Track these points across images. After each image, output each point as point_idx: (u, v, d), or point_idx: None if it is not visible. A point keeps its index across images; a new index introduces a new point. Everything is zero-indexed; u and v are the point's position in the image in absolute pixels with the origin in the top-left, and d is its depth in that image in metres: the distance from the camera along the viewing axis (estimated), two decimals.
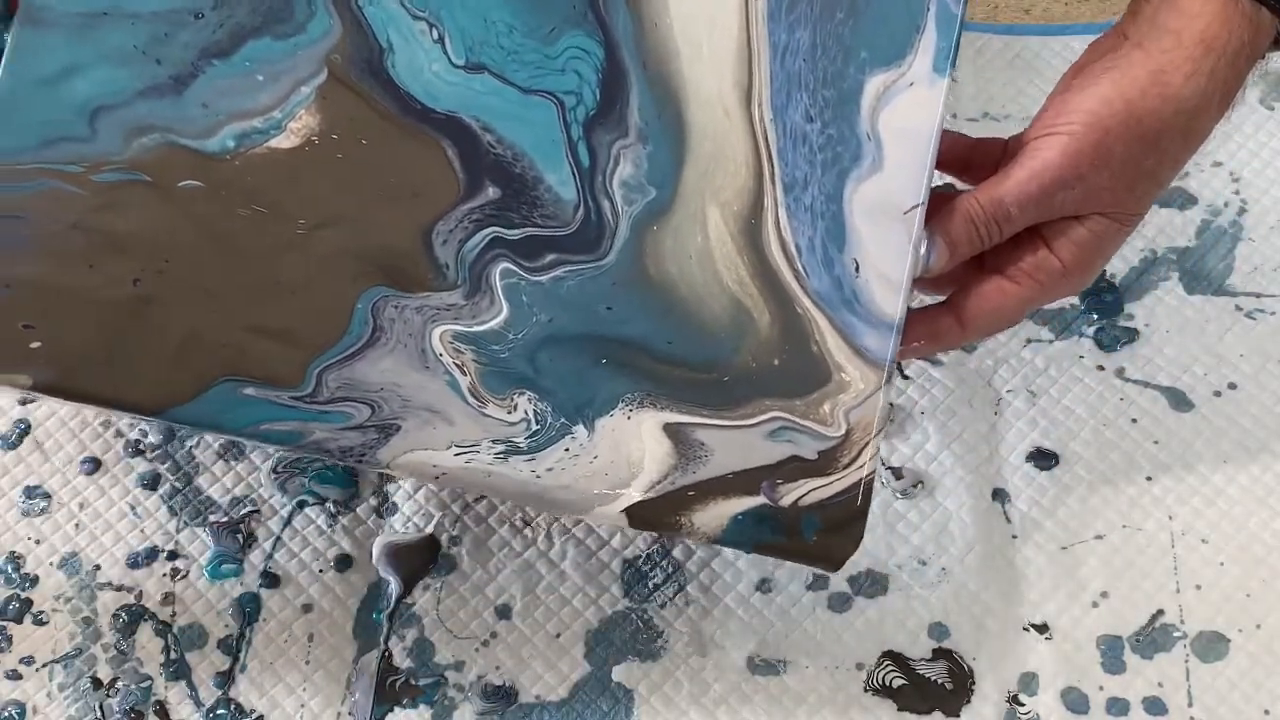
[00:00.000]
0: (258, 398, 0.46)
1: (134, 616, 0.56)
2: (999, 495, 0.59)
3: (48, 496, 0.58)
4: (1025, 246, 0.49)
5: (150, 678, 0.55)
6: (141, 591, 0.56)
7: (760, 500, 0.49)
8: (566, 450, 0.48)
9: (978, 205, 0.48)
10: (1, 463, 0.59)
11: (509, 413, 0.48)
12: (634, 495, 0.48)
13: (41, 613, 0.56)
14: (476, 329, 0.47)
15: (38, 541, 0.57)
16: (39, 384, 0.45)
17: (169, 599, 0.57)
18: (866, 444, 0.49)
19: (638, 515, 0.49)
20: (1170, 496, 0.59)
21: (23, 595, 0.56)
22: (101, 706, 0.54)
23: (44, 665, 0.55)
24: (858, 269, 0.48)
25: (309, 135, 0.46)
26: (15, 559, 0.57)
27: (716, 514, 0.49)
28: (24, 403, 0.60)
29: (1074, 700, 0.55)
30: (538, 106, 0.48)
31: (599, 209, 0.48)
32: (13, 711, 0.54)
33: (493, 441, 0.48)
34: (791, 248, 0.48)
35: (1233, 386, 0.61)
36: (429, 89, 0.47)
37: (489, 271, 0.47)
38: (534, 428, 0.48)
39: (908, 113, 0.48)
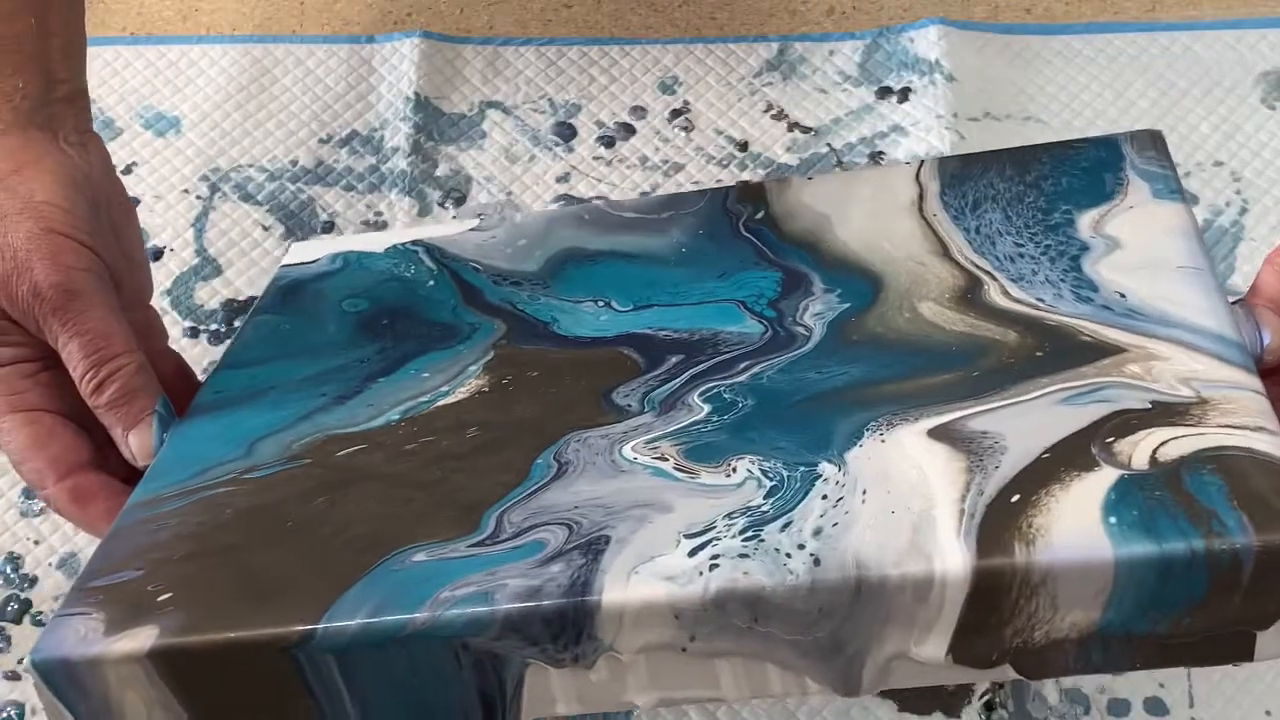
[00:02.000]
0: (429, 561, 0.38)
1: None
2: None
3: None
4: None
5: None
6: None
7: (1115, 472, 0.36)
8: (824, 498, 0.37)
9: None
10: (1, 463, 0.59)
11: (727, 476, 0.39)
12: (946, 528, 0.35)
13: (41, 613, 0.56)
14: (672, 428, 0.42)
15: (37, 542, 0.57)
16: (166, 633, 0.37)
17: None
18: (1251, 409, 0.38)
19: (982, 579, 0.34)
20: None
21: (22, 596, 0.56)
22: None
23: None
24: (1123, 296, 0.44)
25: (477, 389, 0.46)
26: (14, 559, 0.57)
27: (1075, 516, 0.35)
28: None
29: (1075, 700, 0.55)
30: (716, 308, 0.47)
31: (790, 330, 0.46)
32: (12, 712, 0.54)
33: (729, 518, 0.37)
34: (1033, 300, 0.45)
35: None
36: (598, 329, 0.47)
37: (684, 397, 0.43)
38: (768, 483, 0.38)
39: (1138, 219, 0.47)
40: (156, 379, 0.47)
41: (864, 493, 0.37)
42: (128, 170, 0.68)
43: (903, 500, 0.37)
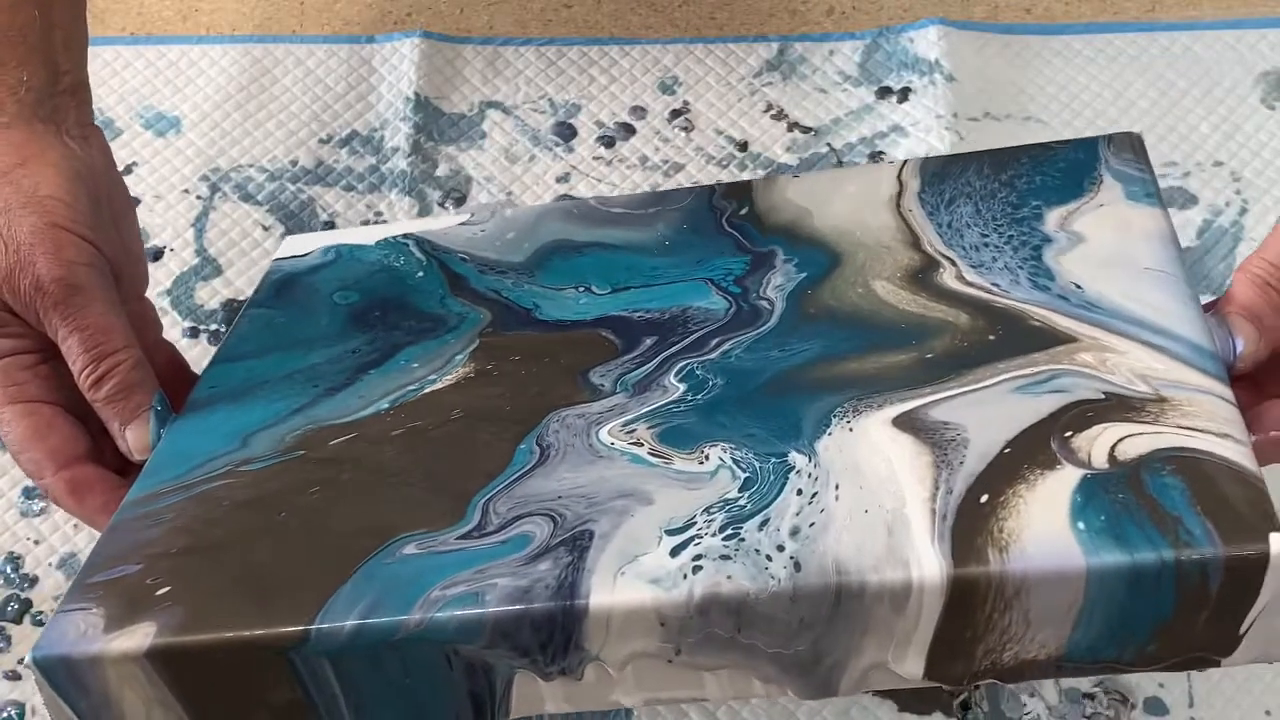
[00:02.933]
0: (420, 554, 0.38)
1: None
2: None
3: (46, 497, 0.58)
4: None
5: None
6: None
7: (1077, 471, 0.36)
8: (799, 493, 0.37)
9: (1264, 264, 0.42)
10: (1, 462, 0.59)
11: (700, 463, 0.39)
12: (920, 531, 0.35)
13: (41, 613, 0.56)
14: (646, 409, 0.43)
15: (37, 542, 0.57)
16: (163, 631, 0.37)
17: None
18: (1209, 413, 0.37)
19: (959, 589, 0.34)
20: None
21: (22, 596, 0.56)
22: None
23: None
24: (1079, 286, 0.44)
25: (463, 376, 0.46)
26: (14, 559, 0.57)
27: (1044, 521, 0.35)
28: None
29: (1073, 700, 0.55)
30: (687, 286, 0.49)
31: (754, 305, 0.47)
32: (12, 712, 0.54)
33: (708, 513, 0.37)
34: (988, 285, 0.45)
35: None
36: (577, 312, 0.49)
37: (658, 378, 0.44)
38: (742, 474, 0.39)
39: (1107, 219, 0.46)
40: (154, 375, 0.48)
41: (837, 487, 0.37)
42: (128, 170, 0.68)
43: (875, 497, 0.37)
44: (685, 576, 0.36)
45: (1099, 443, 0.37)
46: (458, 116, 0.70)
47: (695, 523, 0.37)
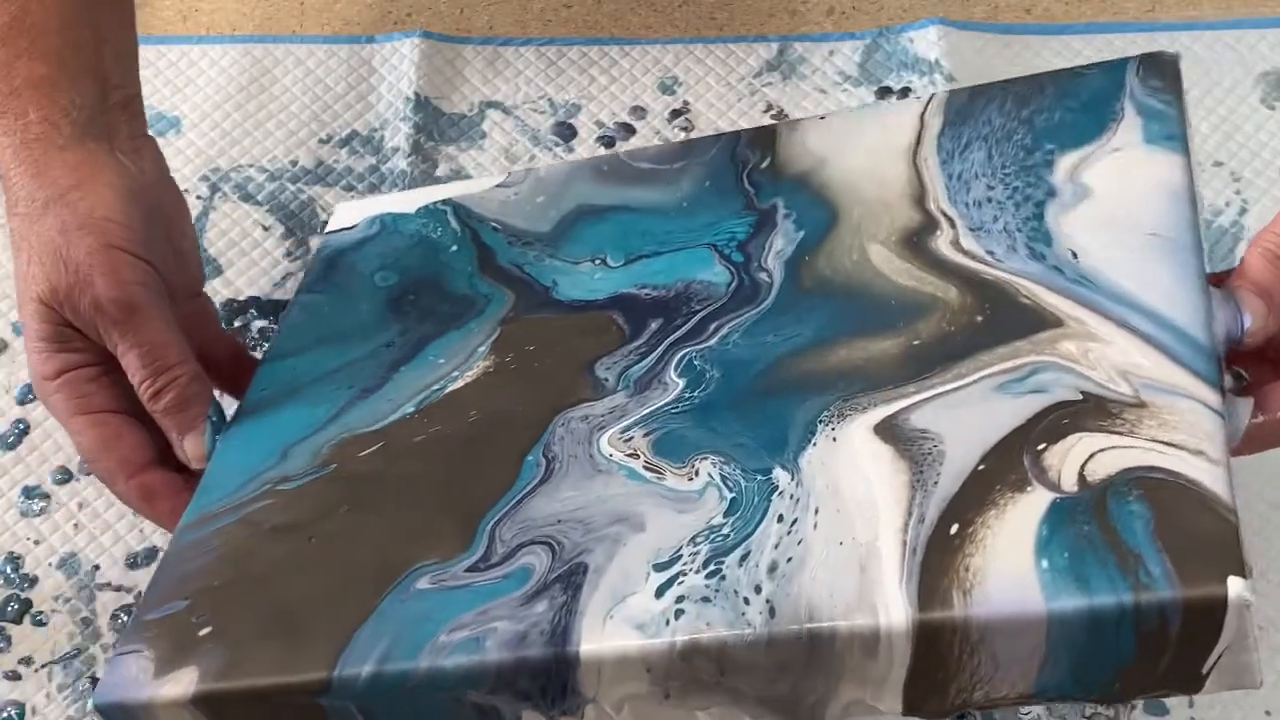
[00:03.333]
0: (432, 589, 0.40)
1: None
2: None
3: (47, 497, 0.58)
4: None
5: None
6: (141, 592, 0.56)
7: (1046, 495, 0.35)
8: (780, 519, 0.38)
9: (1276, 238, 0.42)
10: (1, 463, 0.59)
11: (690, 480, 0.41)
12: (890, 569, 0.35)
13: (41, 613, 0.56)
14: (645, 412, 0.44)
15: (37, 542, 0.57)
16: (205, 677, 0.40)
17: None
18: (1189, 424, 0.36)
19: (925, 635, 0.34)
20: None
21: (22, 596, 0.56)
22: None
23: (43, 666, 0.55)
24: (1075, 255, 0.42)
25: (483, 370, 0.48)
26: (14, 559, 0.57)
27: (1009, 556, 0.34)
28: (23, 402, 0.60)
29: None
30: (692, 254, 0.50)
31: (754, 278, 0.48)
32: (12, 712, 0.54)
33: (694, 543, 0.38)
34: (980, 253, 0.44)
35: None
36: (591, 290, 0.50)
37: (660, 374, 0.45)
38: (729, 494, 0.39)
39: (1120, 166, 0.45)
40: (210, 386, 0.50)
41: (816, 512, 0.38)
42: None
43: (850, 526, 0.37)
44: (668, 623, 0.37)
45: (1070, 458, 0.36)
46: (458, 116, 0.70)
47: (681, 555, 0.38)
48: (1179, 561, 0.33)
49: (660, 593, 0.38)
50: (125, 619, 0.55)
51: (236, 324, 0.63)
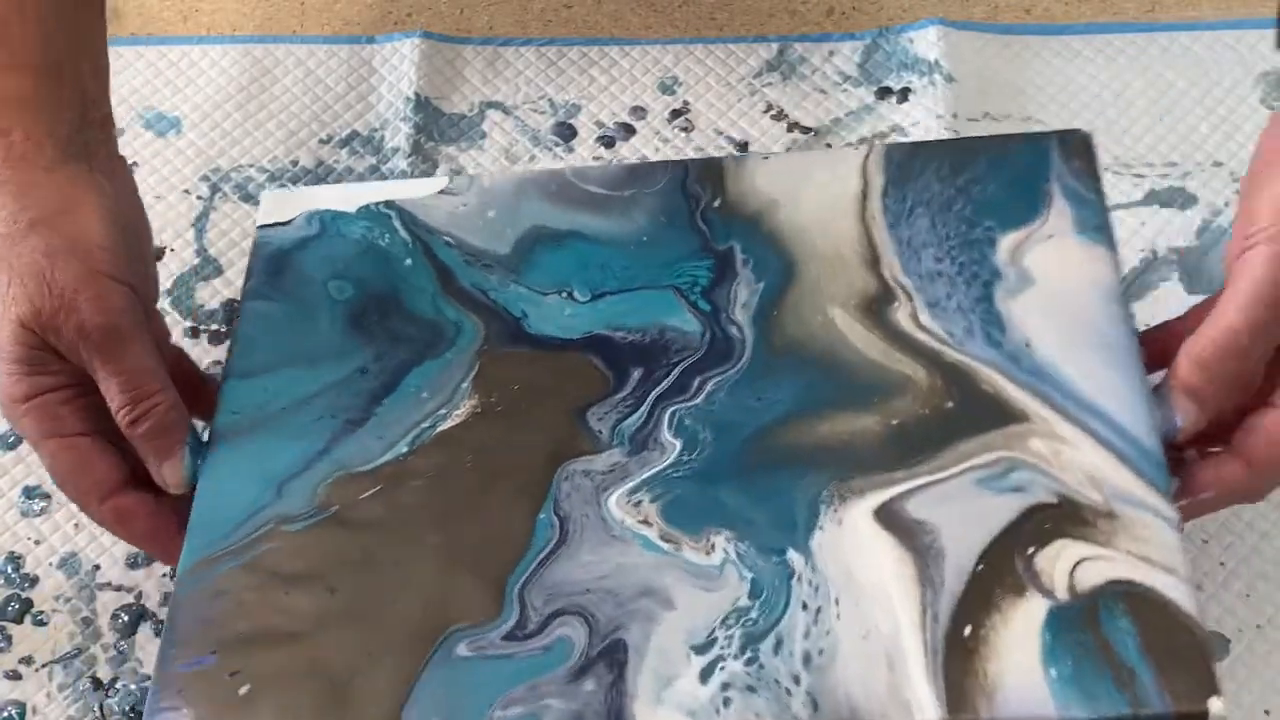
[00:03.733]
0: (473, 656, 0.43)
1: (134, 616, 0.56)
2: None
3: (47, 497, 0.58)
4: None
5: (150, 678, 0.55)
6: (141, 591, 0.56)
7: (1044, 603, 0.41)
8: (805, 608, 0.42)
9: (1207, 344, 0.45)
10: (1, 463, 0.59)
11: (708, 554, 0.44)
12: (915, 666, 0.41)
13: (41, 613, 0.56)
14: (647, 474, 0.47)
15: (37, 542, 0.57)
16: None
17: (169, 599, 0.56)
18: (1151, 537, 0.42)
19: None
20: None
21: (23, 595, 0.56)
22: (101, 706, 0.54)
23: (44, 665, 0.55)
24: (1029, 345, 0.47)
25: (471, 410, 0.49)
26: (15, 559, 0.57)
27: (1020, 662, 0.40)
28: None
29: None
30: (658, 295, 0.51)
31: (725, 331, 0.50)
32: (13, 711, 0.54)
33: (725, 626, 0.42)
34: (941, 333, 0.48)
35: None
36: (564, 328, 0.51)
37: (654, 434, 0.48)
38: (749, 575, 0.43)
39: (1056, 256, 0.49)
40: (186, 412, 0.50)
41: (837, 603, 0.42)
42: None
43: (871, 617, 0.42)
44: (718, 711, 0.41)
45: (1059, 566, 0.42)
46: (458, 117, 0.70)
47: (716, 638, 0.42)
48: (1167, 678, 0.40)
49: (704, 678, 0.41)
50: (125, 618, 0.56)
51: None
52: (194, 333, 0.63)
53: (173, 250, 0.66)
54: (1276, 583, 0.56)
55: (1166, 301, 0.63)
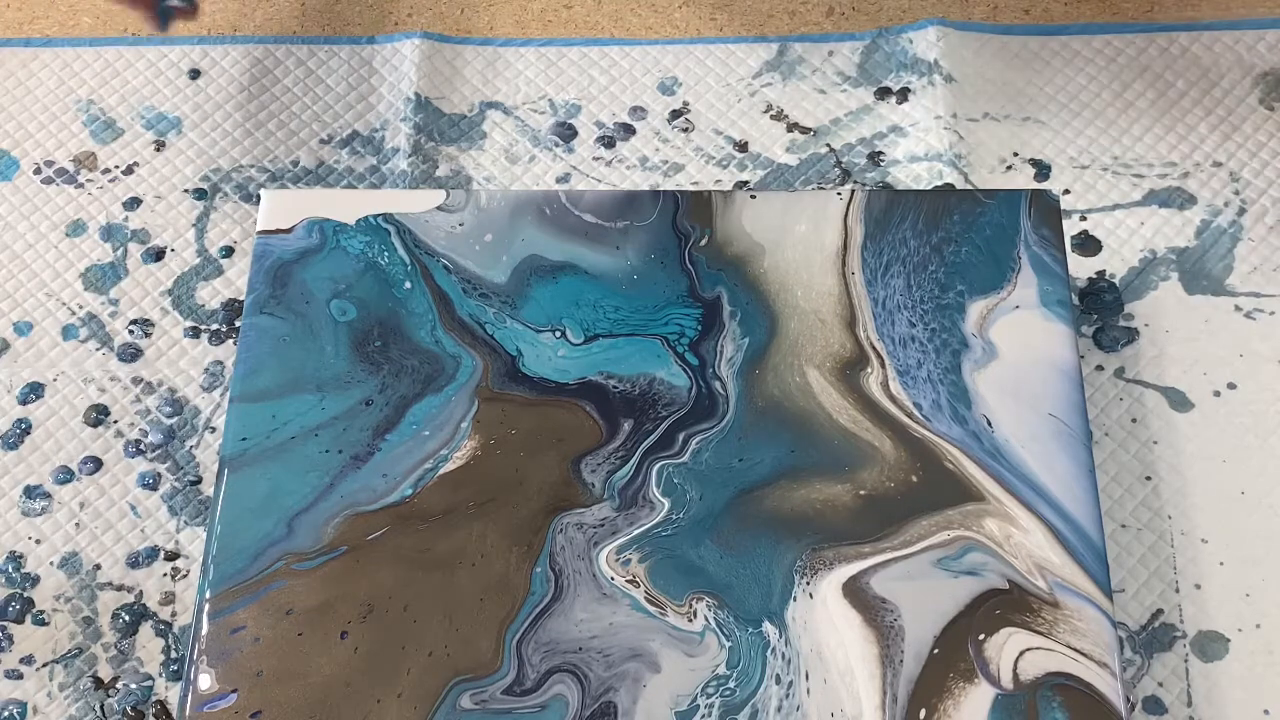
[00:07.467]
0: (476, 710, 0.47)
1: (134, 616, 0.56)
2: None
3: (48, 496, 0.59)
4: None
5: (151, 677, 0.55)
6: (141, 591, 0.56)
7: (990, 690, 0.47)
8: (778, 681, 0.47)
9: None
10: (1, 463, 0.59)
11: (689, 620, 0.48)
12: None
13: (42, 612, 0.56)
14: (636, 531, 0.50)
15: (38, 541, 0.58)
16: None
17: (169, 599, 0.57)
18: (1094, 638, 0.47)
19: None
20: (1169, 496, 0.59)
21: (23, 595, 0.56)
22: (102, 706, 0.54)
23: (44, 665, 0.55)
24: (990, 424, 0.51)
25: (471, 452, 0.52)
26: (16, 559, 0.57)
27: None
28: (24, 402, 0.61)
29: None
30: (647, 344, 0.54)
31: (710, 387, 0.53)
32: (13, 711, 0.54)
33: (705, 695, 0.47)
34: (909, 405, 0.52)
35: (1232, 386, 0.61)
36: (558, 370, 0.54)
37: (643, 490, 0.51)
38: (726, 644, 0.48)
39: (1021, 331, 0.53)
40: None
41: (807, 678, 0.47)
42: (129, 170, 0.68)
43: (838, 697, 0.46)
44: None
45: (1005, 654, 0.47)
46: (458, 117, 0.70)
47: (699, 706, 0.47)
48: None
49: None
50: (126, 618, 0.56)
51: (237, 324, 0.63)
52: (194, 333, 0.63)
53: (173, 250, 0.66)
54: (1276, 583, 0.56)
55: (1165, 301, 0.63)
